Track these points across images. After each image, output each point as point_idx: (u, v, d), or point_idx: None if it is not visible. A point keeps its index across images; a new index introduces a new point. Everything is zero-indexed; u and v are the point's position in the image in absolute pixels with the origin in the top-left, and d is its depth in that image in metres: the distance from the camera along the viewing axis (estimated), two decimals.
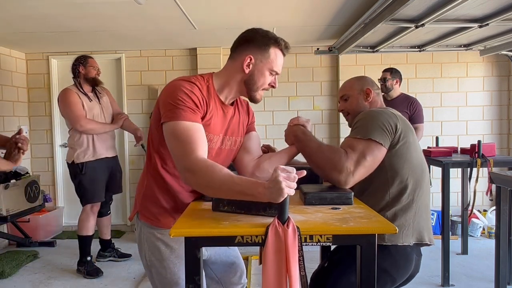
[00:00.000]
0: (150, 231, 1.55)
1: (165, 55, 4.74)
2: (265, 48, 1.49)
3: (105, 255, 3.75)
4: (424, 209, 1.67)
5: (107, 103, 3.58)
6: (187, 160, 1.32)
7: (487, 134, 4.70)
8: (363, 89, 1.83)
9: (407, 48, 4.22)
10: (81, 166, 3.36)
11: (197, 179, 1.31)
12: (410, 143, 1.63)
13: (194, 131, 1.37)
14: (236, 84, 1.54)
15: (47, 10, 3.09)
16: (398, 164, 1.61)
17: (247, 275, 3.15)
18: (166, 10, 3.15)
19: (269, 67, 1.51)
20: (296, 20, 3.58)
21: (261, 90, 1.55)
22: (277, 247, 1.14)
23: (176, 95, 1.40)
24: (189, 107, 1.39)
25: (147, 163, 1.59)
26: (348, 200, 1.45)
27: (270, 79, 1.54)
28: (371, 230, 1.18)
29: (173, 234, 1.16)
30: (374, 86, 1.87)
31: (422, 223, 1.65)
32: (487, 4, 2.61)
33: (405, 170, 1.62)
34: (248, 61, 1.49)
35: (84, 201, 3.45)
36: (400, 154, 1.61)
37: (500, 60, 4.65)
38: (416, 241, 1.63)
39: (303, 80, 4.71)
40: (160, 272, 1.56)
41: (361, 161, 1.55)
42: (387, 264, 1.58)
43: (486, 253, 3.76)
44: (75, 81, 3.44)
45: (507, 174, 2.51)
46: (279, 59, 1.53)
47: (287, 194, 1.13)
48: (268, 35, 1.52)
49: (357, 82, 1.87)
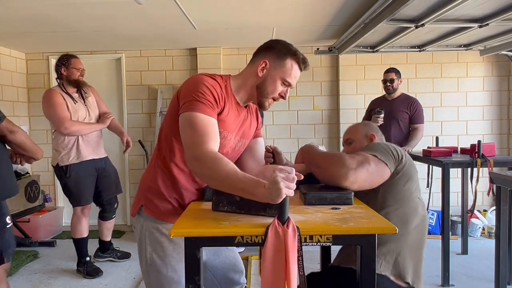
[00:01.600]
0: (154, 226, 1.54)
1: (165, 55, 4.74)
2: (283, 57, 1.53)
3: (104, 256, 3.73)
4: (411, 252, 1.60)
5: (93, 103, 3.47)
6: (198, 149, 1.35)
7: (487, 134, 4.70)
8: (368, 134, 1.88)
9: (407, 48, 4.22)
10: (65, 169, 3.27)
11: (202, 169, 1.33)
12: (412, 180, 1.63)
13: (210, 125, 1.40)
14: (250, 87, 1.58)
15: (47, 10, 3.09)
16: (390, 195, 1.60)
17: (247, 275, 3.16)
18: (166, 10, 3.15)
19: (282, 76, 1.54)
20: (296, 20, 3.58)
21: (271, 99, 1.58)
22: (277, 247, 1.15)
23: (198, 88, 1.44)
24: (209, 100, 1.43)
25: (156, 156, 1.59)
26: (348, 200, 1.45)
27: (281, 88, 1.57)
28: (371, 230, 1.18)
29: (173, 234, 1.16)
30: (378, 133, 1.92)
31: (407, 263, 1.59)
32: (487, 4, 2.61)
33: (397, 203, 1.59)
34: (263, 65, 1.54)
35: (72, 204, 3.41)
36: (397, 185, 1.60)
37: (500, 60, 4.65)
38: (394, 278, 1.56)
39: (303, 80, 4.71)
40: (160, 271, 1.54)
41: (365, 164, 1.53)
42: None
43: (486, 253, 3.76)
44: (58, 82, 3.35)
45: (507, 174, 2.51)
46: (294, 71, 1.56)
47: (286, 195, 1.13)
48: (289, 47, 1.56)
49: (362, 127, 1.93)
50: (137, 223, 1.62)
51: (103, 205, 3.56)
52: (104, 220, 3.62)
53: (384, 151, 1.62)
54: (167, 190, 1.54)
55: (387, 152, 1.61)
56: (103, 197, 3.52)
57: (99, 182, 3.47)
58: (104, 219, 3.61)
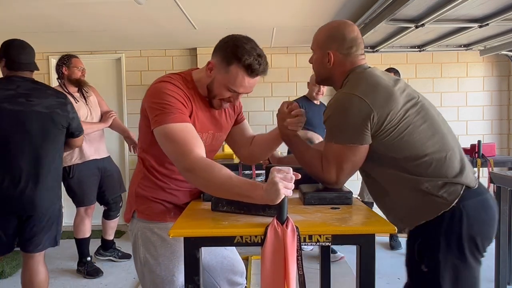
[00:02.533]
0: (147, 226, 1.53)
1: (165, 55, 4.75)
2: (227, 62, 1.42)
3: (105, 254, 3.74)
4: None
5: (94, 102, 3.47)
6: (185, 160, 1.32)
7: (487, 134, 4.70)
8: (326, 51, 1.51)
9: (407, 48, 4.21)
10: (68, 170, 3.27)
11: (196, 179, 1.31)
12: (410, 122, 1.39)
13: (186, 132, 1.36)
14: (204, 84, 1.52)
15: (47, 10, 3.10)
16: (402, 147, 1.39)
17: (247, 275, 3.15)
18: (166, 10, 3.15)
19: (226, 83, 1.45)
20: (296, 20, 3.58)
21: (219, 100, 1.51)
22: (276, 247, 1.15)
23: (162, 99, 1.38)
24: (177, 108, 1.38)
25: (139, 162, 1.58)
26: (348, 200, 1.45)
27: (228, 94, 1.48)
28: (370, 230, 1.18)
29: (172, 234, 1.16)
30: (345, 43, 1.49)
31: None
32: (487, 4, 2.61)
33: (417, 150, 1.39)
34: (210, 66, 1.48)
35: (76, 204, 3.42)
36: (397, 139, 1.39)
37: (500, 60, 4.65)
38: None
39: (303, 80, 4.69)
40: (153, 270, 1.53)
41: (339, 171, 1.41)
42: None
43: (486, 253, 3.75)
44: (59, 82, 3.36)
45: (507, 174, 2.51)
46: (240, 80, 1.42)
47: (285, 195, 1.13)
48: (237, 49, 1.39)
49: (325, 37, 1.54)
50: (131, 226, 1.61)
51: (108, 203, 3.57)
52: (109, 219, 3.63)
53: (350, 129, 1.37)
54: (155, 194, 1.54)
55: (353, 129, 1.36)
56: (107, 196, 3.54)
57: (103, 182, 3.48)
58: (109, 218, 3.62)
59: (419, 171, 1.39)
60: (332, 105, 1.43)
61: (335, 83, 1.56)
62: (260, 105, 4.54)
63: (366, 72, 1.47)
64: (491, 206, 1.44)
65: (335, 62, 1.51)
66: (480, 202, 1.42)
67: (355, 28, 1.54)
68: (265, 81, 4.56)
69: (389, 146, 1.39)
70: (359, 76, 1.46)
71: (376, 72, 1.49)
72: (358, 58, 1.52)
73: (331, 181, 1.44)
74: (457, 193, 1.37)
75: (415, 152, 1.39)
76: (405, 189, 1.42)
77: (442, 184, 1.38)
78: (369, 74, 1.45)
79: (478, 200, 1.41)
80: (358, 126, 1.36)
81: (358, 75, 1.46)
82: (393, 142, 1.39)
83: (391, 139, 1.38)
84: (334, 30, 1.53)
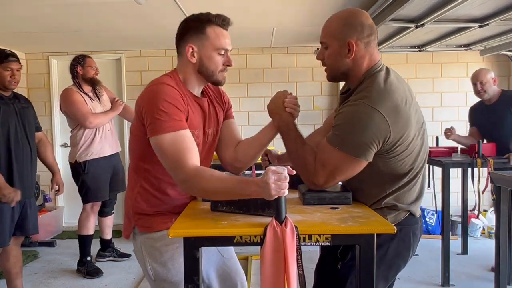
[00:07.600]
0: (149, 236, 1.50)
1: (165, 55, 4.74)
2: (202, 31, 1.47)
3: (105, 255, 3.75)
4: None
5: (107, 101, 3.56)
6: (181, 173, 1.34)
7: None
8: (346, 40, 1.38)
9: (407, 48, 4.22)
10: (83, 165, 3.34)
11: (192, 190, 1.38)
12: (410, 144, 1.38)
13: (181, 141, 1.36)
14: (193, 76, 1.52)
15: (47, 10, 3.09)
16: (394, 165, 1.41)
17: (247, 276, 3.15)
18: (166, 10, 3.15)
19: (213, 48, 1.47)
20: (296, 20, 3.57)
21: (220, 72, 1.51)
22: (276, 246, 1.15)
23: (159, 105, 1.37)
24: (174, 114, 1.37)
25: (132, 176, 1.55)
26: (347, 200, 1.45)
27: (221, 59, 1.50)
28: (370, 230, 1.18)
29: (171, 234, 1.16)
30: (365, 30, 1.39)
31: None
32: (487, 4, 2.61)
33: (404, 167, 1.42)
34: (190, 51, 1.48)
35: (86, 200, 3.43)
36: (396, 158, 1.39)
37: (500, 60, 4.64)
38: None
39: (303, 80, 4.71)
40: (165, 279, 1.49)
41: (330, 178, 1.39)
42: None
43: (486, 253, 3.75)
44: (74, 81, 3.42)
45: (507, 174, 2.51)
46: (221, 36, 1.49)
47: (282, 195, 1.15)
48: (200, 17, 1.50)
49: (341, 27, 1.40)
50: (134, 243, 1.58)
51: (105, 200, 3.59)
52: (104, 216, 3.65)
53: (362, 143, 1.31)
54: (155, 207, 1.51)
55: (365, 145, 1.31)
56: (111, 194, 3.58)
57: (111, 179, 3.54)
58: (104, 215, 3.64)
59: (391, 187, 1.44)
60: (351, 113, 1.35)
61: (351, 78, 1.45)
62: (260, 105, 4.53)
63: (388, 82, 1.38)
64: (417, 235, 1.51)
65: (357, 52, 1.39)
66: (413, 230, 1.49)
67: (368, 15, 1.46)
68: (265, 81, 4.56)
69: (387, 162, 1.41)
70: (380, 84, 1.37)
71: (395, 82, 1.40)
72: (375, 51, 1.44)
73: (317, 183, 1.42)
74: (399, 219, 1.45)
75: (401, 171, 1.43)
76: (371, 191, 1.46)
77: (393, 208, 1.44)
78: (390, 86, 1.37)
79: (413, 227, 1.48)
80: (371, 142, 1.31)
81: (378, 79, 1.38)
82: (391, 160, 1.40)
83: (391, 157, 1.39)
84: (351, 17, 1.41)
